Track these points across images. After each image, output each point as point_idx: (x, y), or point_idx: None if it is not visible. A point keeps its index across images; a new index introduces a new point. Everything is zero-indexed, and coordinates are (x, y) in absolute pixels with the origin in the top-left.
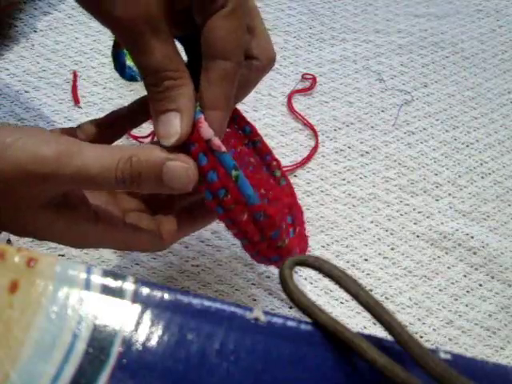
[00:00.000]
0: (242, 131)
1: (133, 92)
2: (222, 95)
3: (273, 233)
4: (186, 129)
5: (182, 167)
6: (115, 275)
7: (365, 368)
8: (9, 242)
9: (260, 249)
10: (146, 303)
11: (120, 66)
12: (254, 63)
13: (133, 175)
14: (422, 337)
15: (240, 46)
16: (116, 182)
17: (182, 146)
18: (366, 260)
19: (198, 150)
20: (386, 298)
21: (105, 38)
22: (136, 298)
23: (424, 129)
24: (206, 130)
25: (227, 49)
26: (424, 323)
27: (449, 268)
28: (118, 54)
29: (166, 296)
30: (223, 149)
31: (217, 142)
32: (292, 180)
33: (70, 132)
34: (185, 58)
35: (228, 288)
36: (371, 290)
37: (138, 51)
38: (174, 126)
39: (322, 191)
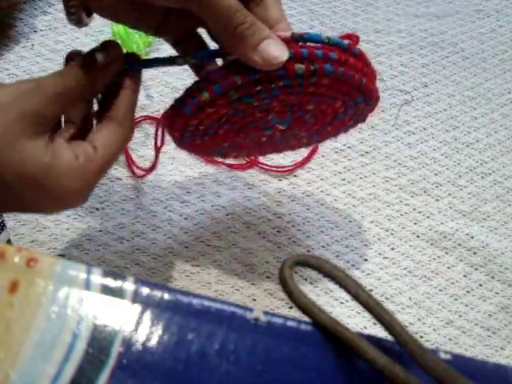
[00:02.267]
0: None
1: None
2: (279, 11)
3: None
4: (284, 45)
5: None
6: (115, 275)
7: (365, 368)
8: (9, 241)
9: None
10: (146, 303)
11: None
12: None
13: None
14: (422, 337)
15: None
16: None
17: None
18: (365, 260)
19: (292, 47)
20: (386, 298)
21: (105, 39)
22: (136, 297)
23: (424, 129)
24: (284, 33)
25: None
26: (424, 323)
27: (449, 268)
28: None
29: (166, 296)
30: (303, 32)
31: (297, 31)
32: (292, 180)
33: None
34: None
35: (228, 288)
36: (371, 290)
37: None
38: (277, 47)
39: (322, 191)
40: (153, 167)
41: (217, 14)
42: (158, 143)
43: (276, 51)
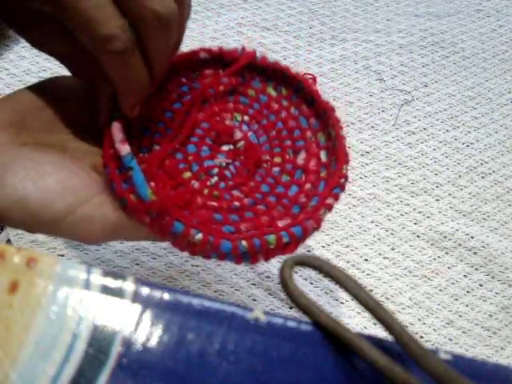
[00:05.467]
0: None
1: None
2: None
3: (172, 228)
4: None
5: None
6: (115, 275)
7: (365, 368)
8: (9, 241)
9: (181, 247)
10: (146, 303)
11: None
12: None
13: None
14: (422, 337)
15: None
16: None
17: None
18: (366, 260)
19: (107, 158)
20: (387, 298)
21: None
22: (136, 298)
23: (424, 129)
24: (115, 133)
25: None
26: (424, 323)
27: (449, 268)
28: None
29: (166, 296)
30: (123, 150)
31: (119, 146)
32: None
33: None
34: None
35: (228, 288)
36: (371, 290)
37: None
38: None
39: None
40: None
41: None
42: None
43: None
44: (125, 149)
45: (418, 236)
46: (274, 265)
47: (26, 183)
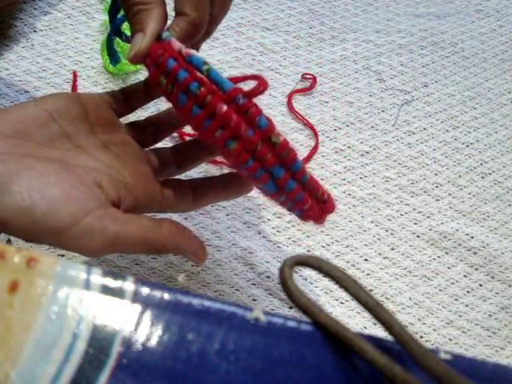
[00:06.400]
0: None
1: None
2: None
3: (258, 118)
4: (144, 44)
5: None
6: (115, 275)
7: (365, 368)
8: (9, 241)
9: (252, 146)
10: (146, 303)
11: (111, 52)
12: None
13: None
14: (422, 337)
15: None
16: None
17: (158, 65)
18: (366, 260)
19: (167, 57)
20: (386, 298)
21: (105, 38)
22: (136, 298)
23: (424, 129)
24: (175, 43)
25: None
26: (424, 323)
27: (449, 268)
28: (111, 41)
29: (166, 296)
30: (192, 52)
31: (186, 50)
32: None
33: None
34: None
35: (228, 288)
36: (371, 290)
37: None
38: (137, 42)
39: None
40: None
41: None
42: None
43: (133, 46)
44: (195, 52)
45: (417, 236)
46: (274, 265)
47: (32, 192)
